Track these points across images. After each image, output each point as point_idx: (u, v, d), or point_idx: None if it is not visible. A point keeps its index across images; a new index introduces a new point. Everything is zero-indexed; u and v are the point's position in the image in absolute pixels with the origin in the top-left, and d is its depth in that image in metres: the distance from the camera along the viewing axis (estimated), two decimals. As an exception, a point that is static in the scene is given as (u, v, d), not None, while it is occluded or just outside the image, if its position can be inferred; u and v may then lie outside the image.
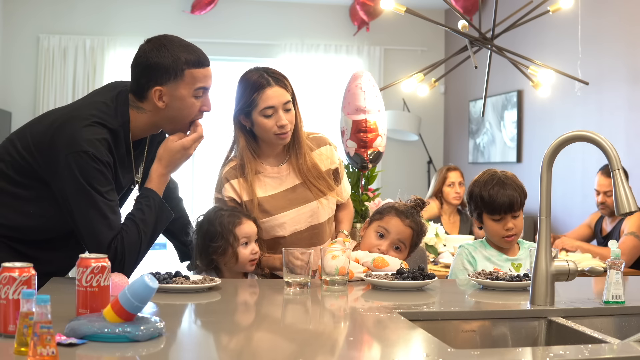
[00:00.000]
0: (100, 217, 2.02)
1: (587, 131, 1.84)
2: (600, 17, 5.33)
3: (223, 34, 7.32)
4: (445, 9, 7.74)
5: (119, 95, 2.15)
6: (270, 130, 2.43)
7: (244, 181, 2.47)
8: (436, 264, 4.04)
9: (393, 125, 7.18)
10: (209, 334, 1.59)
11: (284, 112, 2.42)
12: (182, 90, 2.10)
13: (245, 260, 2.34)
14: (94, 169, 2.01)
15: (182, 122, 2.17)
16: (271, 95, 2.41)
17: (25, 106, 7.01)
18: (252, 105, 2.42)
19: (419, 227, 2.46)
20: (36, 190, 2.11)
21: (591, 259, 3.98)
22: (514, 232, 2.56)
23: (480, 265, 2.59)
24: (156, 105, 2.12)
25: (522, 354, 1.42)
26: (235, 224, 2.34)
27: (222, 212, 2.39)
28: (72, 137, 2.02)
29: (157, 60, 2.08)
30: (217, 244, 2.33)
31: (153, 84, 2.09)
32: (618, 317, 1.86)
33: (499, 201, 2.53)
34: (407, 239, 2.43)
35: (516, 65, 4.68)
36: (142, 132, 2.20)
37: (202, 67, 2.13)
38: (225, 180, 2.49)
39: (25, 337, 1.27)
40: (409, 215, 2.44)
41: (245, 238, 2.34)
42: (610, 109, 5.20)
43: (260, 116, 2.42)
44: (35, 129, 2.14)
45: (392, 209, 2.45)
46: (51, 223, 2.14)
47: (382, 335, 1.59)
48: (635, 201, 1.75)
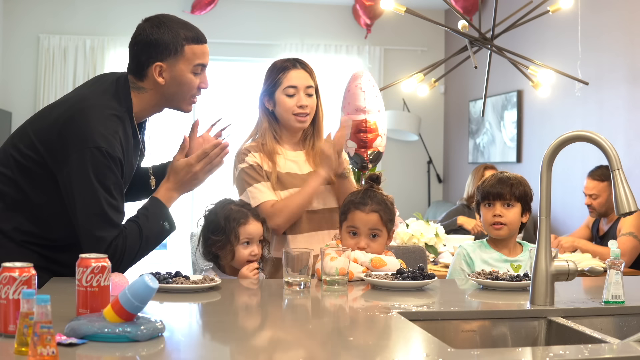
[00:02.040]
0: (104, 214, 2.01)
1: (587, 131, 1.84)
2: (600, 17, 5.33)
3: (223, 34, 7.32)
4: (445, 9, 7.74)
5: (118, 81, 2.16)
6: (290, 110, 2.55)
7: (265, 155, 2.56)
8: (436, 264, 4.04)
9: (393, 125, 7.18)
10: (209, 334, 1.59)
11: (305, 95, 2.56)
12: (182, 65, 2.13)
13: (242, 260, 2.32)
14: (105, 166, 2.00)
15: (182, 99, 2.19)
16: (295, 75, 2.56)
17: (25, 106, 7.01)
18: (276, 85, 2.56)
19: (382, 204, 2.40)
20: (48, 193, 2.07)
21: (591, 259, 3.97)
22: (502, 221, 2.60)
23: (477, 266, 2.60)
24: (156, 82, 2.13)
25: (522, 354, 1.42)
26: (240, 222, 2.31)
27: (232, 206, 2.36)
28: (84, 132, 2.00)
29: (157, 36, 2.11)
30: (217, 237, 2.31)
31: (153, 60, 2.12)
32: (618, 317, 1.86)
33: (489, 187, 2.64)
34: (378, 224, 2.38)
35: (516, 65, 4.68)
36: (145, 113, 2.20)
37: (201, 43, 2.17)
38: (247, 151, 2.57)
39: (25, 337, 1.27)
40: (366, 202, 2.38)
41: (246, 238, 2.32)
42: (610, 109, 5.20)
43: (283, 94, 2.55)
44: (37, 125, 2.12)
45: (350, 204, 2.41)
46: (70, 227, 2.08)
47: (382, 335, 1.59)
48: (635, 201, 1.75)
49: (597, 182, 4.35)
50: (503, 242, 2.65)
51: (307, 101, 2.56)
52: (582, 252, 4.08)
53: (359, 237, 2.38)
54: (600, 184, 4.34)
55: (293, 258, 2.06)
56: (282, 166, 2.58)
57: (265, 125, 2.60)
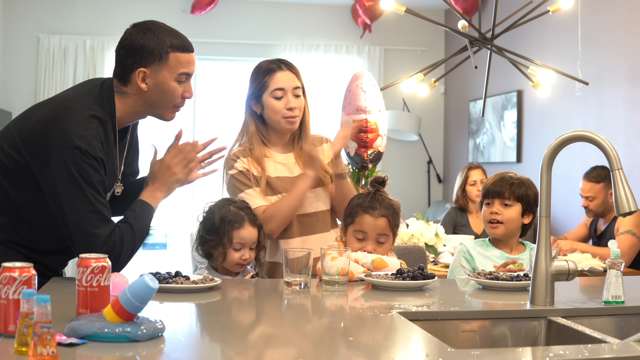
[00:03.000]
0: (96, 211, 2.01)
1: (587, 131, 1.84)
2: (600, 17, 5.33)
3: (223, 34, 7.32)
4: (445, 9, 7.73)
5: (103, 84, 2.16)
6: (280, 113, 2.51)
7: (254, 160, 2.52)
8: (436, 264, 4.04)
9: (393, 126, 7.18)
10: (209, 334, 1.59)
11: (293, 97, 2.52)
12: (166, 73, 2.12)
13: (232, 263, 2.32)
14: (87, 164, 1.99)
15: (164, 106, 2.17)
16: (282, 77, 2.52)
17: (25, 106, 6.87)
18: (263, 88, 2.52)
19: (390, 209, 2.39)
20: (29, 194, 2.06)
21: (591, 259, 3.97)
22: (498, 219, 2.60)
23: (478, 263, 2.60)
24: (139, 88, 2.12)
25: (522, 354, 1.42)
26: (234, 225, 2.30)
27: (231, 207, 2.35)
28: (64, 133, 2.00)
29: (142, 42, 2.10)
30: (211, 237, 2.32)
31: (137, 65, 2.11)
32: (618, 317, 1.86)
33: (490, 185, 2.67)
34: (386, 229, 2.36)
35: (516, 65, 4.68)
36: (127, 118, 2.19)
37: (186, 52, 2.16)
38: (235, 157, 2.53)
39: (25, 337, 1.27)
40: (375, 205, 2.37)
41: (239, 243, 2.31)
42: (610, 109, 5.20)
43: (271, 97, 2.50)
44: (20, 125, 2.12)
45: (359, 207, 2.38)
46: (54, 231, 2.08)
47: (382, 335, 1.59)
48: (635, 201, 1.75)
49: (593, 184, 4.34)
50: (504, 241, 2.65)
51: (296, 102, 2.52)
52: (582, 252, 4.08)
53: (366, 241, 2.36)
54: (596, 186, 4.34)
55: (293, 258, 2.06)
56: (272, 170, 2.54)
57: (253, 129, 2.56)
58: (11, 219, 2.10)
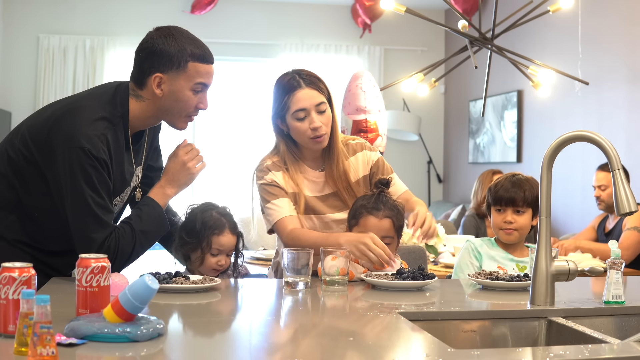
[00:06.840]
0: (94, 215, 2.01)
1: (587, 131, 1.84)
2: (600, 17, 5.33)
3: (223, 34, 7.33)
4: (445, 9, 7.74)
5: (120, 87, 2.15)
6: (305, 134, 2.36)
7: (289, 177, 2.42)
8: (436, 264, 4.04)
9: (393, 125, 7.18)
10: (209, 334, 1.59)
11: (317, 113, 2.35)
12: (182, 81, 2.09)
13: (208, 268, 2.32)
14: (90, 165, 1.99)
15: (177, 115, 2.15)
16: (301, 97, 2.35)
17: (25, 106, 7.01)
18: (284, 108, 2.37)
19: (394, 210, 2.36)
20: (37, 193, 2.07)
21: (591, 259, 3.97)
22: (513, 227, 2.58)
23: (485, 262, 2.60)
24: (154, 93, 2.10)
25: (522, 354, 1.42)
26: (214, 232, 2.31)
27: (213, 212, 2.34)
28: (70, 132, 2.00)
29: (162, 47, 2.07)
30: (190, 239, 2.32)
31: (155, 70, 2.08)
32: (618, 317, 1.86)
33: (501, 192, 2.60)
34: (390, 230, 2.34)
35: (516, 65, 4.68)
36: (141, 122, 2.17)
37: (206, 62, 2.12)
38: (267, 169, 2.41)
39: (25, 337, 1.26)
40: (379, 207, 2.34)
41: (217, 249, 2.32)
42: (610, 109, 5.20)
43: (293, 119, 2.36)
44: (32, 121, 2.13)
45: (363, 209, 2.35)
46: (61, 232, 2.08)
47: (382, 335, 1.59)
48: (635, 201, 1.75)
49: (607, 173, 4.34)
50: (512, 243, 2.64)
51: (320, 120, 2.35)
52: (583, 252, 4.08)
53: None
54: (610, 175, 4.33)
55: (293, 258, 2.06)
56: (308, 188, 2.44)
57: (284, 149, 2.44)
58: (19, 217, 2.10)
